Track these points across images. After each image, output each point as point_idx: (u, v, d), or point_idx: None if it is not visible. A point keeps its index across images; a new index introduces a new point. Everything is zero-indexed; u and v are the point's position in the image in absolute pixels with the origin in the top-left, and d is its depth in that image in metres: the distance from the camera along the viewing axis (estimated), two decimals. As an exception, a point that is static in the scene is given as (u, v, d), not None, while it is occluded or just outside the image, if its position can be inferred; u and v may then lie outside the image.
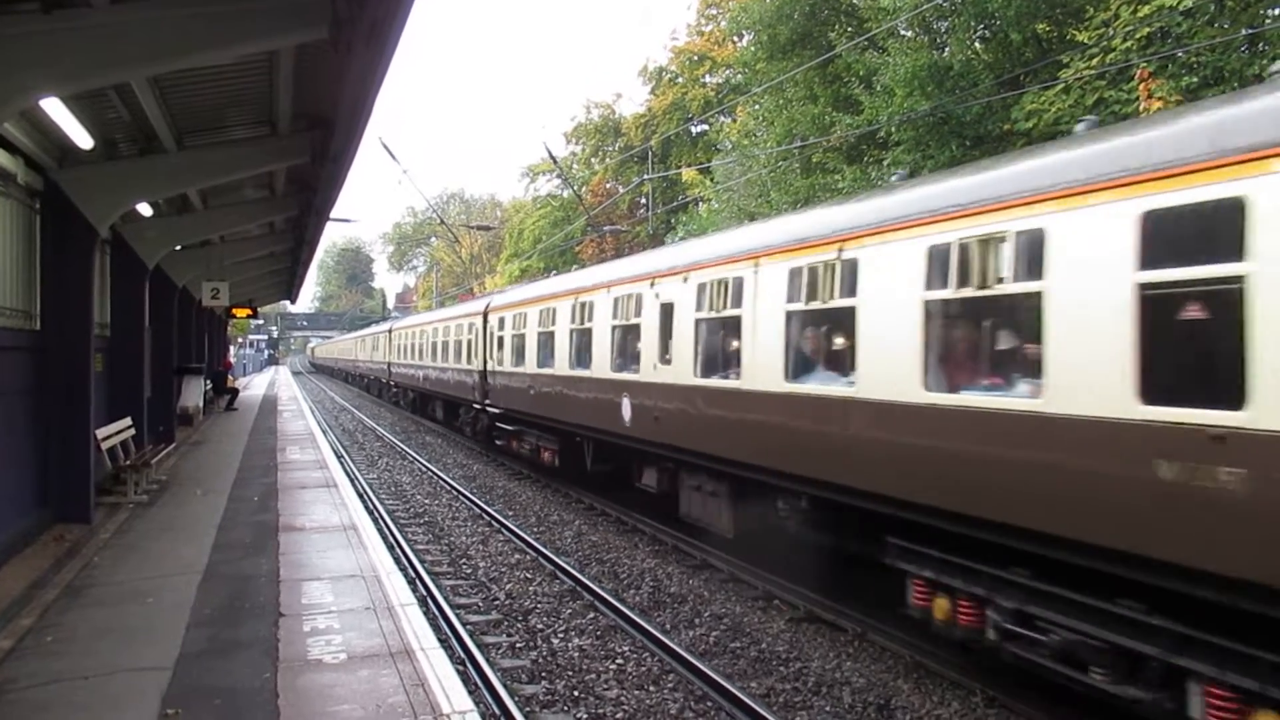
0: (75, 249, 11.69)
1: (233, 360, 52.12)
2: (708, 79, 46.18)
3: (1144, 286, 5.58)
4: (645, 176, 34.05)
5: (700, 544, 12.35)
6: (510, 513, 15.63)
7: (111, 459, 13.59)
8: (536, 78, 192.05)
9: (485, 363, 21.88)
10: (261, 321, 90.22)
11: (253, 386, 53.53)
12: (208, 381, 30.77)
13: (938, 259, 7.29)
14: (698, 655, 8.34)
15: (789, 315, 9.25)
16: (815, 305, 8.96)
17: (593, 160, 54.43)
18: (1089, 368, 5.92)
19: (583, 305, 15.16)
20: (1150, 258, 5.56)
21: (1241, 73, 14.78)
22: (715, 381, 10.77)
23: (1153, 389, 5.52)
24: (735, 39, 36.53)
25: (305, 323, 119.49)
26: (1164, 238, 5.53)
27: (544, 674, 8.09)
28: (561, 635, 9.12)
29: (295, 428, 25.94)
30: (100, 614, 7.78)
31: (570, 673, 8.10)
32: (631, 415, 12.78)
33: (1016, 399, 6.65)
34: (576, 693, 7.62)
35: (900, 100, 19.94)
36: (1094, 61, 16.44)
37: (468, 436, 25.78)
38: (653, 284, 12.33)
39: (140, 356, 16.96)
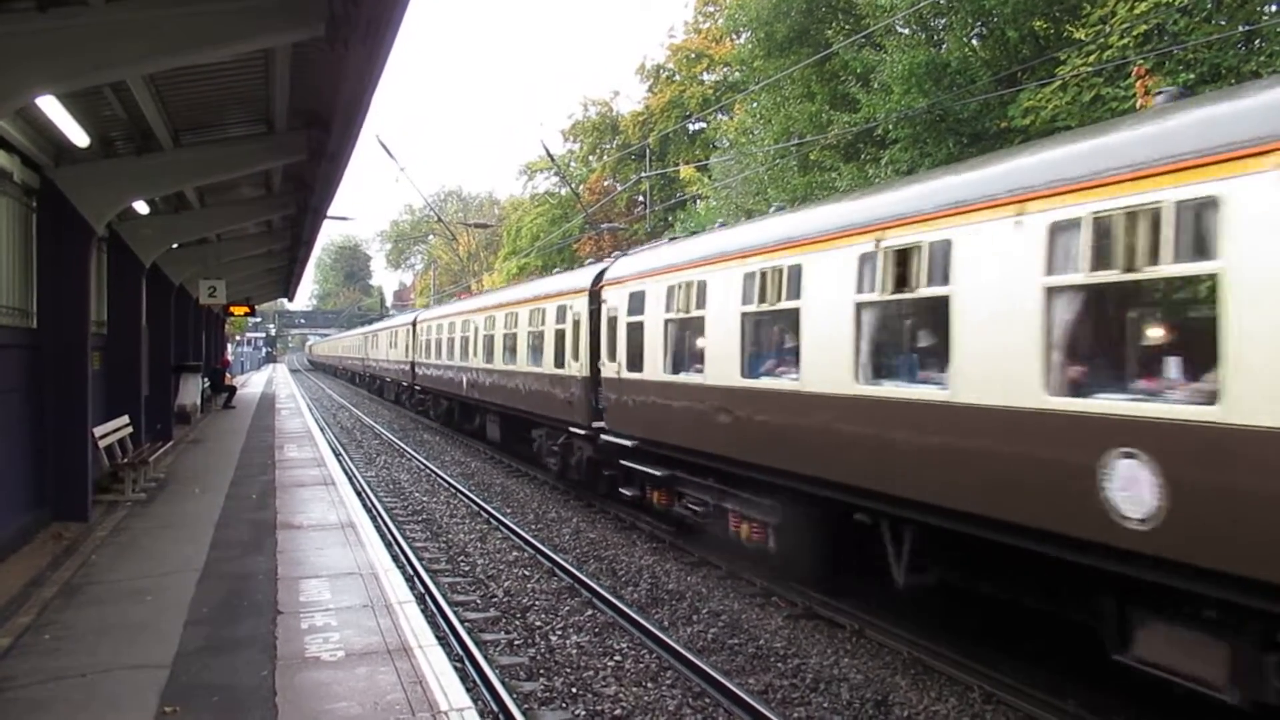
0: (72, 247, 11.67)
1: (230, 358, 52.08)
2: (705, 77, 46.16)
3: None
4: (643, 174, 33.99)
5: (698, 541, 12.35)
6: (508, 510, 15.63)
7: (109, 457, 13.58)
8: (534, 75, 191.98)
9: (596, 365, 15.05)
10: (259, 319, 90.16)
11: (250, 384, 53.49)
12: (205, 379, 30.77)
13: None
14: (696, 652, 8.35)
15: None
16: None
17: (590, 158, 54.40)
18: None
19: (900, 253, 7.65)
20: None
21: (1238, 69, 14.79)
22: None
23: None
24: (733, 36, 36.48)
25: (303, 320, 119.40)
26: None
27: (542, 671, 8.10)
28: (560, 632, 9.13)
29: (293, 426, 25.93)
30: (98, 612, 7.78)
31: (568, 670, 8.11)
32: (1166, 502, 5.48)
33: None
34: (575, 690, 7.63)
35: (897, 98, 19.94)
36: (1091, 59, 16.45)
37: (551, 473, 18.25)
38: None
39: (137, 354, 16.95)
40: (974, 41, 21.08)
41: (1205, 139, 5.50)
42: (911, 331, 8.23)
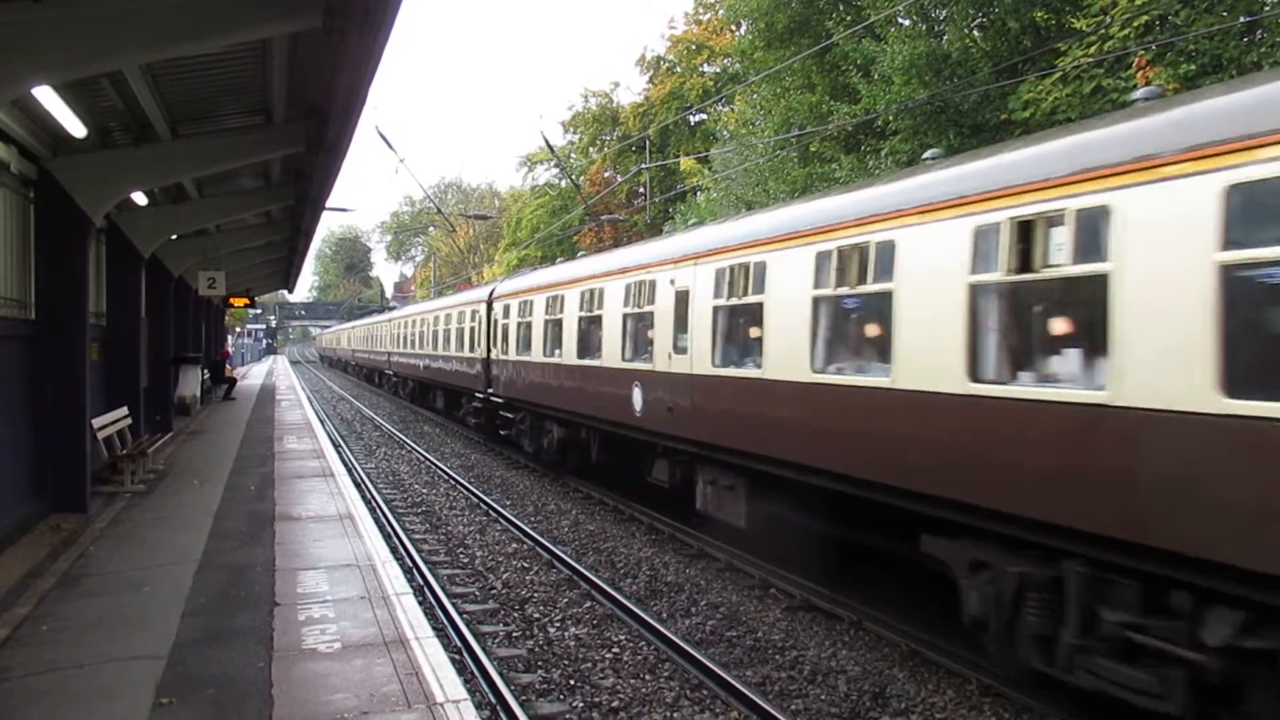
0: (70, 238, 11.66)
1: (230, 350, 52.02)
2: (706, 68, 46.04)
3: None
4: (643, 165, 33.94)
5: (698, 534, 12.37)
6: (508, 502, 15.64)
7: (108, 448, 13.58)
8: (534, 66, 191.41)
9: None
10: (259, 311, 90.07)
11: (251, 376, 53.49)
12: (205, 371, 30.75)
13: None
14: (694, 644, 8.36)
15: None
16: None
17: (590, 150, 54.28)
18: None
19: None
20: None
21: (1239, 60, 14.74)
22: None
23: None
24: (733, 27, 36.39)
25: (303, 312, 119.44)
26: None
27: (540, 663, 8.10)
28: (558, 624, 9.14)
29: (293, 417, 25.94)
30: (96, 603, 7.79)
31: (566, 661, 8.12)
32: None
33: None
34: (573, 681, 7.64)
35: (898, 89, 19.89)
36: (1092, 50, 16.39)
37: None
38: None
39: (137, 346, 16.95)
40: (975, 32, 21.03)
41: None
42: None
